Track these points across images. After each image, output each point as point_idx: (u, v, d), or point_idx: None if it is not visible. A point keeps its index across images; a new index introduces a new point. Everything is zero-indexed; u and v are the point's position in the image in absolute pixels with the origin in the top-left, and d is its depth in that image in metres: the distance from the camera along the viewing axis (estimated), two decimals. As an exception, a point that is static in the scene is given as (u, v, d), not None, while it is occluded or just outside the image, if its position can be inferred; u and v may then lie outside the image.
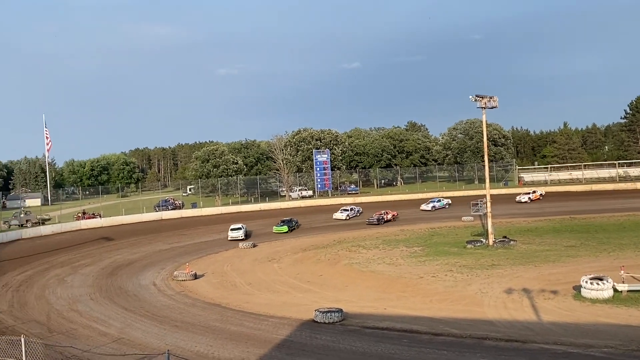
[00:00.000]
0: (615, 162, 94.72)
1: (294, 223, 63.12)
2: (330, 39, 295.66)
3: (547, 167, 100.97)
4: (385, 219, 63.86)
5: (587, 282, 28.18)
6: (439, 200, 75.25)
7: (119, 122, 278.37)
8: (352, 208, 72.00)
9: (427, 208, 72.33)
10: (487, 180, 49.56)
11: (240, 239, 56.40)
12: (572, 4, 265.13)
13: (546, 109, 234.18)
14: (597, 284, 27.87)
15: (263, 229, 63.55)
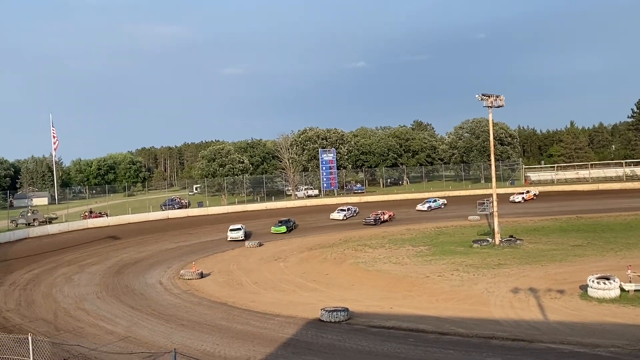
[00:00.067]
0: (622, 161, 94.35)
1: (291, 223, 62.87)
2: (336, 39, 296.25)
3: (554, 166, 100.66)
4: (382, 219, 63.61)
5: (593, 281, 28.10)
6: (434, 200, 75.07)
7: (125, 121, 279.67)
8: (349, 208, 71.67)
9: (423, 208, 72.03)
10: (494, 180, 49.44)
11: (240, 239, 56.05)
12: (580, 4, 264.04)
13: (553, 107, 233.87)
14: (604, 283, 27.79)
15: (269, 228, 63.50)
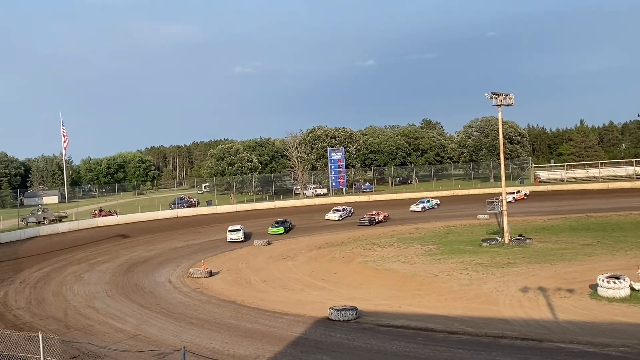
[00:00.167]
0: (632, 160, 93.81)
1: (288, 224, 62.13)
2: (345, 38, 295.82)
3: (564, 165, 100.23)
4: (376, 220, 63.16)
5: (603, 280, 27.96)
6: (428, 200, 74.59)
7: (135, 120, 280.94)
8: (344, 208, 71.10)
9: (417, 209, 71.42)
10: (503, 179, 49.27)
11: (239, 240, 55.35)
12: (590, 2, 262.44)
13: (562, 106, 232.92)
14: (614, 282, 27.64)
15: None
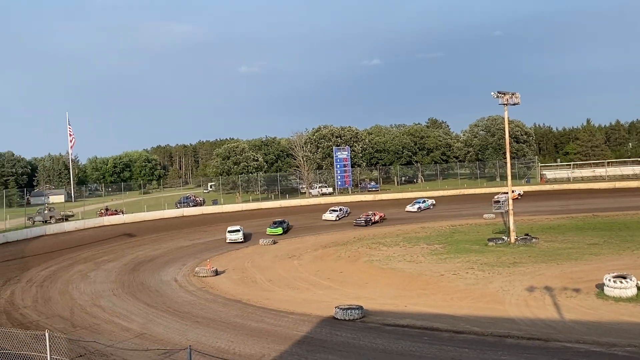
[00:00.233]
0: (639, 159, 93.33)
1: (285, 224, 61.45)
2: (351, 37, 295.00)
3: (570, 164, 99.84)
4: (372, 220, 62.78)
5: (610, 280, 27.87)
6: (423, 200, 74.30)
7: (141, 119, 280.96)
8: (340, 208, 70.76)
9: (413, 209, 71.03)
10: (509, 178, 49.19)
11: (239, 241, 54.74)
12: (596, 1, 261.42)
13: (569, 105, 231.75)
14: (621, 282, 27.55)
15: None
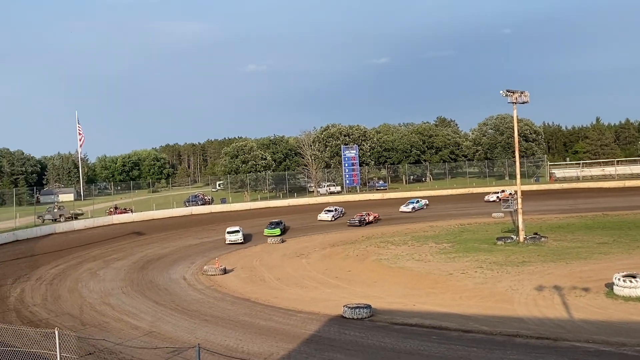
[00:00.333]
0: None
1: (282, 225, 60.82)
2: (359, 35, 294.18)
3: (579, 163, 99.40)
4: (367, 221, 62.50)
5: (619, 279, 27.71)
6: (417, 201, 73.98)
7: (149, 118, 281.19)
8: (335, 209, 70.29)
9: (407, 209, 70.67)
10: (518, 177, 48.98)
11: (239, 242, 53.97)
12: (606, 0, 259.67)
13: (578, 104, 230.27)
14: (630, 281, 27.38)
15: (291, 224, 63.73)
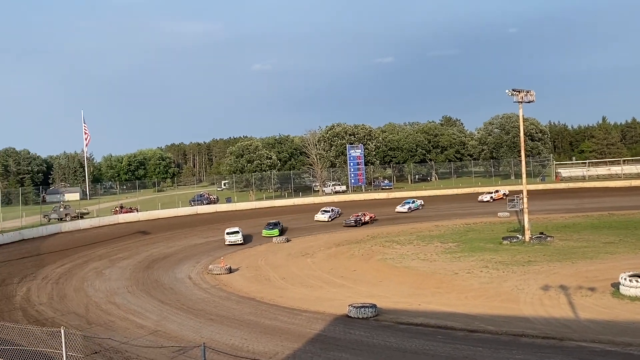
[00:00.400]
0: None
1: (280, 225, 60.21)
2: (365, 34, 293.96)
3: (585, 163, 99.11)
4: (362, 221, 62.22)
5: (625, 279, 27.63)
6: (413, 201, 73.69)
7: (155, 118, 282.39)
8: (332, 209, 69.91)
9: (404, 210, 70.36)
10: (524, 176, 48.87)
11: (238, 243, 53.31)
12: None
13: (584, 103, 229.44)
14: (637, 281, 27.29)
15: (296, 224, 63.75)
